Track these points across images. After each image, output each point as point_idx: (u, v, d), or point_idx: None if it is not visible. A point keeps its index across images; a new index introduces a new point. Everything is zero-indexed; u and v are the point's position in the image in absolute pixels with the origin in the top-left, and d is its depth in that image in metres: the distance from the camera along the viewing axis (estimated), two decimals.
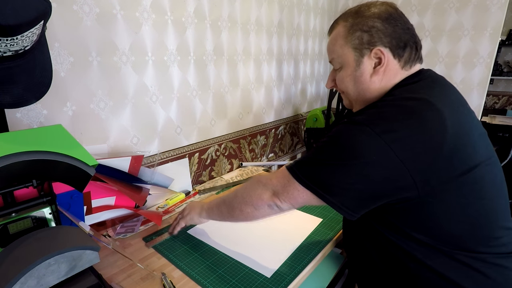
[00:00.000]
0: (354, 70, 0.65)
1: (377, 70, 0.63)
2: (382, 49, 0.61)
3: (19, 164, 0.50)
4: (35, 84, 0.57)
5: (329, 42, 0.69)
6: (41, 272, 0.48)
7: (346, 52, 0.65)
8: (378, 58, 0.62)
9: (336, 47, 0.66)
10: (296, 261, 0.78)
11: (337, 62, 0.67)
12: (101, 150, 0.93)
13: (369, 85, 0.64)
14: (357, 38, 0.63)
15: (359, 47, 0.63)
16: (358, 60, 0.64)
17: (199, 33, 1.13)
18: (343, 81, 0.68)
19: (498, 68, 3.28)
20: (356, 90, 0.67)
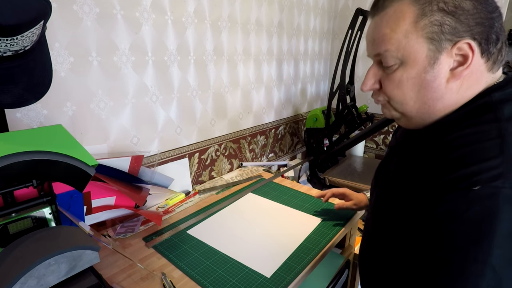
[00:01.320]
0: (423, 70, 0.45)
1: (457, 73, 0.44)
2: (471, 43, 0.42)
3: (19, 164, 0.50)
4: (35, 84, 0.57)
5: (378, 25, 0.47)
6: (41, 272, 0.48)
7: (414, 44, 0.44)
8: (461, 56, 0.43)
9: (397, 33, 0.45)
10: (296, 261, 0.78)
11: (392, 56, 0.46)
12: (101, 150, 0.93)
13: (443, 93, 0.45)
14: (436, 23, 0.42)
15: (437, 37, 0.43)
16: (433, 56, 0.44)
17: (199, 33, 1.13)
18: (401, 85, 0.47)
19: None
20: (420, 99, 0.47)
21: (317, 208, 1.04)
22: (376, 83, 0.51)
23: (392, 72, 0.47)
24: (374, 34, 0.48)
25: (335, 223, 0.94)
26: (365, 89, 0.52)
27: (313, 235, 0.89)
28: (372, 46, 0.49)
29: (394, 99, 0.49)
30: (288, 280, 0.71)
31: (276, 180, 1.29)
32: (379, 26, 0.47)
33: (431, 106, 0.47)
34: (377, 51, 0.48)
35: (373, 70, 0.51)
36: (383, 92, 0.50)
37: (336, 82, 1.57)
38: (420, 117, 0.49)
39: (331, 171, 1.63)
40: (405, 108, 0.49)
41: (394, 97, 0.49)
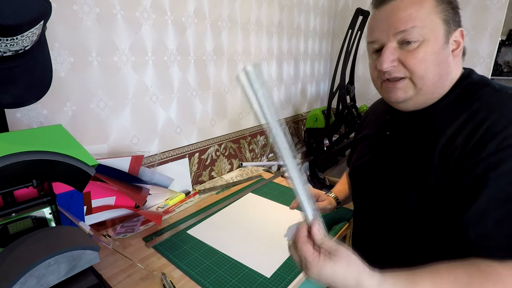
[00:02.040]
0: (441, 47, 0.52)
1: (456, 54, 0.54)
2: (463, 32, 0.54)
3: (19, 164, 0.50)
4: (35, 84, 0.57)
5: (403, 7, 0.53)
6: (41, 272, 0.48)
7: (436, 23, 0.52)
8: (455, 42, 0.54)
9: (422, 12, 0.51)
10: None
11: (418, 33, 0.52)
12: (101, 150, 0.93)
13: (452, 68, 0.55)
14: (448, 10, 0.52)
15: (449, 22, 0.52)
16: (447, 36, 0.53)
17: (199, 33, 1.13)
18: (424, 59, 0.52)
19: (498, 68, 3.28)
20: (438, 73, 0.54)
21: None
22: (395, 61, 0.55)
23: (414, 48, 0.53)
24: (397, 15, 0.53)
25: (335, 222, 0.94)
26: (385, 66, 0.55)
27: None
28: (395, 25, 0.53)
29: (417, 73, 0.54)
30: (288, 280, 0.71)
31: (276, 180, 1.29)
32: (401, 8, 0.53)
33: (444, 80, 0.55)
34: (402, 28, 0.52)
35: (390, 48, 0.54)
36: (406, 68, 0.54)
37: (336, 82, 1.57)
38: (432, 92, 0.56)
39: (331, 171, 1.63)
40: (424, 82, 0.54)
41: (418, 71, 0.53)
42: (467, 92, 0.54)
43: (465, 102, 0.53)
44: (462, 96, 0.54)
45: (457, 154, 0.50)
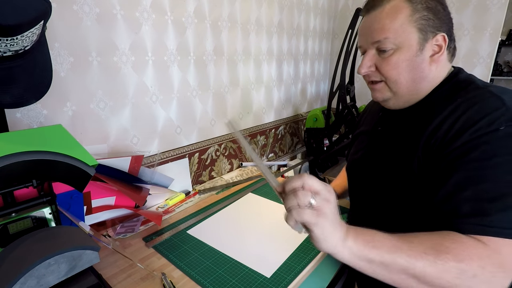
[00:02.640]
0: (414, 54, 0.57)
1: (436, 59, 0.58)
2: (445, 36, 0.57)
3: (19, 164, 0.50)
4: (35, 84, 0.57)
5: (378, 18, 0.58)
6: (41, 272, 0.48)
7: (409, 32, 0.56)
8: (437, 46, 0.57)
9: (395, 24, 0.56)
10: (296, 261, 0.78)
11: (391, 42, 0.57)
12: (101, 150, 0.93)
13: (428, 73, 0.58)
14: (425, 18, 0.55)
15: (425, 29, 0.56)
16: (421, 44, 0.56)
17: (199, 33, 1.13)
18: (396, 66, 0.58)
19: (498, 68, 3.29)
20: (411, 78, 0.59)
21: None
22: (372, 66, 0.61)
23: (389, 56, 0.58)
24: (373, 26, 0.59)
25: None
26: (363, 71, 0.62)
27: None
28: (371, 35, 0.59)
29: (390, 79, 0.60)
30: (288, 280, 0.71)
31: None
32: (378, 19, 0.58)
33: (418, 84, 0.59)
34: (376, 38, 0.58)
35: (370, 55, 0.61)
36: (380, 73, 0.61)
37: (336, 82, 1.57)
38: (408, 95, 0.61)
39: (331, 171, 1.63)
40: (398, 86, 0.60)
41: (390, 76, 0.59)
42: (452, 90, 0.58)
43: (449, 99, 0.57)
44: (447, 94, 0.58)
45: (438, 144, 0.55)
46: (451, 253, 0.46)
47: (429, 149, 0.56)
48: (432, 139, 0.55)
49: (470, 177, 0.49)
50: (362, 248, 0.47)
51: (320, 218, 0.44)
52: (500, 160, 0.48)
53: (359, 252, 0.47)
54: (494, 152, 0.48)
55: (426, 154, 0.56)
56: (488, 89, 0.54)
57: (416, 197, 0.59)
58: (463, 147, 0.51)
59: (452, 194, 0.51)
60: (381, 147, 0.68)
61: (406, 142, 0.61)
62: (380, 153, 0.68)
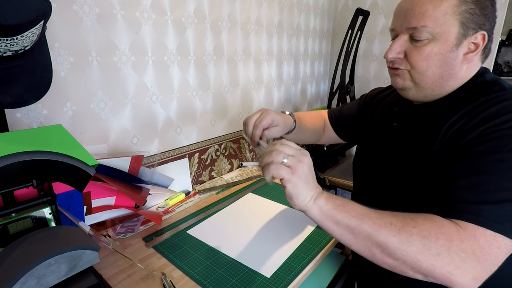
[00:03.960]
0: (450, 49, 0.52)
1: (469, 58, 0.54)
2: (485, 35, 0.52)
3: (19, 164, 0.50)
4: (35, 84, 0.57)
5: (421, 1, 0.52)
6: (41, 272, 0.48)
7: (450, 25, 0.51)
8: (474, 44, 0.53)
9: (438, 12, 0.51)
10: (296, 261, 0.78)
11: (428, 32, 0.52)
12: (101, 150, 0.93)
13: (458, 71, 0.55)
14: (470, 12, 0.50)
15: (467, 24, 0.51)
16: (459, 39, 0.52)
17: (199, 33, 1.13)
18: (427, 58, 0.54)
19: (498, 68, 3.29)
20: (439, 73, 0.55)
21: None
22: (401, 53, 0.57)
23: (422, 45, 0.53)
24: (414, 8, 0.53)
25: None
26: (390, 56, 0.57)
27: (313, 235, 0.89)
28: (409, 19, 0.54)
29: (418, 69, 0.55)
30: (288, 280, 0.71)
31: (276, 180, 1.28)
32: (422, 2, 0.52)
33: (445, 81, 0.55)
34: (413, 24, 0.53)
35: (400, 41, 0.56)
36: (408, 61, 0.56)
37: (336, 82, 1.57)
38: (432, 89, 0.57)
39: (331, 171, 1.63)
40: (423, 79, 0.56)
41: (419, 67, 0.55)
42: (476, 89, 0.55)
43: (472, 98, 0.55)
44: (471, 93, 0.56)
45: (452, 137, 0.53)
46: (418, 227, 0.46)
47: (445, 143, 0.55)
48: (448, 134, 0.54)
49: (471, 167, 0.49)
50: (331, 209, 0.50)
51: (293, 176, 0.48)
52: (506, 156, 0.46)
53: (327, 212, 0.50)
54: (502, 147, 0.47)
55: (442, 148, 0.55)
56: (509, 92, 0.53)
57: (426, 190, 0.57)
58: (474, 141, 0.50)
59: (450, 181, 0.50)
60: (396, 143, 0.66)
61: (423, 138, 0.59)
62: (395, 149, 0.66)
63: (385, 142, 0.70)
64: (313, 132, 0.92)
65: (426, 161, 0.57)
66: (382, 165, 0.69)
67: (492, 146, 0.48)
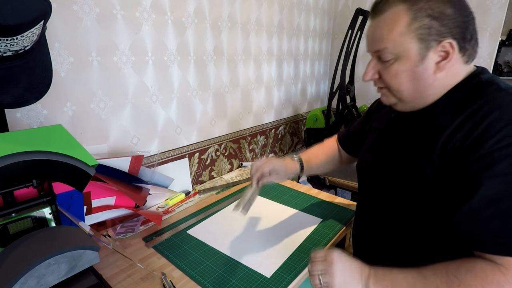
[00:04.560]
0: (415, 65, 0.54)
1: (442, 66, 0.54)
2: (452, 42, 0.52)
3: (19, 164, 0.50)
4: (35, 84, 0.57)
5: (378, 27, 0.56)
6: (41, 272, 0.48)
7: (408, 43, 0.53)
8: (444, 52, 0.53)
9: (393, 35, 0.53)
10: (296, 261, 0.78)
11: (390, 53, 0.55)
12: (101, 150, 0.93)
13: (432, 81, 0.55)
14: (425, 27, 0.51)
15: (426, 38, 0.52)
16: (422, 53, 0.53)
17: (199, 33, 1.13)
18: (396, 76, 0.56)
19: (498, 68, 3.28)
20: (413, 87, 0.56)
21: (317, 208, 1.04)
22: (376, 74, 0.60)
23: (390, 65, 0.56)
24: (374, 34, 0.57)
25: (335, 223, 0.94)
26: (366, 79, 0.61)
27: (313, 235, 0.89)
28: (372, 44, 0.58)
29: (392, 87, 0.59)
30: (288, 280, 0.71)
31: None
32: (378, 27, 0.56)
33: (422, 92, 0.57)
34: (376, 48, 0.57)
35: (373, 63, 0.60)
36: (383, 81, 0.60)
37: (336, 82, 1.57)
38: (414, 102, 0.59)
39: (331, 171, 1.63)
40: (401, 94, 0.58)
41: (392, 85, 0.58)
42: (472, 91, 0.55)
43: (468, 101, 0.54)
44: (466, 95, 0.55)
45: (455, 150, 0.51)
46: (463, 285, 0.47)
47: (446, 155, 0.53)
48: (449, 144, 0.52)
49: (496, 193, 0.47)
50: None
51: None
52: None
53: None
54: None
55: (443, 159, 0.53)
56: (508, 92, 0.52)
57: (429, 204, 0.57)
58: (486, 159, 0.47)
59: (477, 211, 0.48)
60: (393, 149, 0.66)
61: (419, 145, 0.58)
62: (392, 156, 0.66)
63: (381, 147, 0.70)
64: (328, 162, 0.94)
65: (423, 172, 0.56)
66: (379, 171, 0.69)
67: (510, 164, 0.46)
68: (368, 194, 0.74)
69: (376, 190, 0.70)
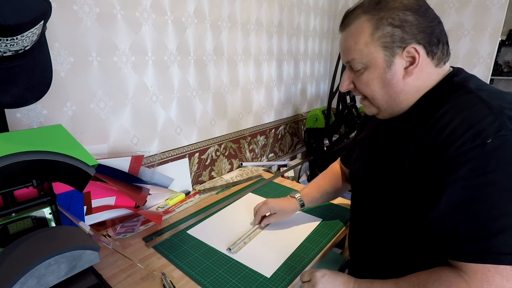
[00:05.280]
0: (383, 71, 0.56)
1: (410, 71, 0.55)
2: (416, 47, 0.53)
3: (19, 164, 0.50)
4: (35, 84, 0.57)
5: (346, 39, 0.59)
6: (41, 272, 0.48)
7: (373, 51, 0.55)
8: (411, 57, 0.55)
9: (359, 45, 0.56)
10: (296, 261, 0.78)
11: (359, 63, 0.57)
12: (101, 150, 0.93)
13: (403, 87, 0.57)
14: (388, 35, 0.53)
15: (390, 46, 0.54)
16: (388, 60, 0.55)
17: (199, 33, 1.13)
18: (368, 84, 0.58)
19: (498, 68, 3.28)
20: (386, 94, 0.58)
21: (317, 208, 1.04)
22: (351, 84, 0.62)
23: (360, 74, 0.59)
24: (344, 46, 0.60)
25: (335, 223, 0.94)
26: (342, 90, 0.64)
27: (313, 235, 0.89)
28: (344, 55, 0.61)
29: (367, 95, 0.61)
30: (288, 280, 0.71)
31: (276, 180, 1.29)
32: (346, 39, 0.59)
33: (395, 98, 0.58)
34: (347, 59, 0.60)
35: (347, 73, 0.62)
36: (358, 90, 0.62)
37: (336, 82, 1.57)
38: (390, 108, 0.60)
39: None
40: (377, 102, 0.60)
41: (366, 93, 0.60)
42: (441, 95, 0.56)
43: (437, 105, 0.54)
44: (436, 99, 0.56)
45: (423, 156, 0.53)
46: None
47: (416, 161, 0.54)
48: (419, 151, 0.54)
49: (461, 198, 0.47)
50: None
51: None
52: (490, 177, 0.45)
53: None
54: (482, 168, 0.46)
55: (413, 166, 0.55)
56: (478, 94, 0.51)
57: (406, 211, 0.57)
58: (449, 164, 0.48)
59: (444, 217, 0.49)
60: (373, 156, 0.67)
61: (393, 152, 0.59)
62: (372, 163, 0.67)
63: (364, 157, 0.71)
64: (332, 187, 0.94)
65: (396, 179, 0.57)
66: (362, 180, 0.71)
67: (472, 168, 0.46)
68: (356, 202, 0.75)
69: (361, 198, 0.72)
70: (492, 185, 0.45)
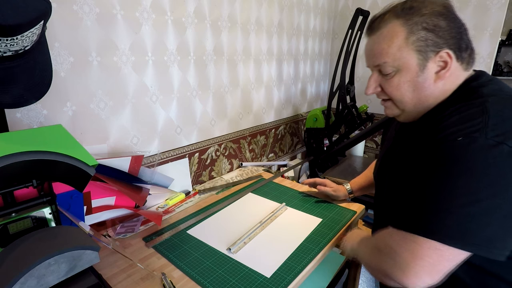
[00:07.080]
0: (415, 75, 0.57)
1: (441, 75, 0.57)
2: (449, 52, 0.55)
3: (19, 164, 0.50)
4: (35, 84, 0.57)
5: (376, 43, 0.60)
6: (41, 272, 0.48)
7: (406, 55, 0.56)
8: (443, 62, 0.56)
9: (392, 48, 0.57)
10: (296, 261, 0.78)
11: (390, 66, 0.58)
12: (101, 150, 0.93)
13: (433, 90, 0.58)
14: (422, 39, 0.55)
15: (424, 50, 0.55)
16: (421, 64, 0.56)
17: (199, 33, 1.13)
18: (398, 88, 0.59)
19: (498, 68, 3.28)
20: (416, 97, 0.59)
21: (317, 208, 1.04)
22: (378, 87, 0.63)
23: (391, 77, 0.60)
24: (374, 50, 0.60)
25: (335, 223, 0.94)
26: (369, 93, 0.64)
27: (313, 235, 0.89)
28: (372, 59, 0.61)
29: (395, 98, 0.62)
30: (288, 280, 0.71)
31: (276, 180, 1.29)
32: (377, 43, 0.59)
33: (424, 101, 0.60)
34: (377, 62, 0.60)
35: (374, 77, 0.63)
36: (386, 93, 0.63)
37: (336, 82, 1.57)
38: (417, 111, 0.62)
39: (331, 171, 1.63)
40: (404, 105, 0.62)
41: (395, 97, 0.61)
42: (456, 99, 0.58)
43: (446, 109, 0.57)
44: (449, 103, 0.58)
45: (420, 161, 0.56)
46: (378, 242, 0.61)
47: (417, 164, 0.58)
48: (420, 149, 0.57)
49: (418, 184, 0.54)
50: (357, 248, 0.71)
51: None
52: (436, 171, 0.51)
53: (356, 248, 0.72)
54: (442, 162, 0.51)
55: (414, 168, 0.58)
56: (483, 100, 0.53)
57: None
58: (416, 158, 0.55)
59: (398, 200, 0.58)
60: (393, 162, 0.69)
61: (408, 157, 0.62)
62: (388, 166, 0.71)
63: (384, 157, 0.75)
64: None
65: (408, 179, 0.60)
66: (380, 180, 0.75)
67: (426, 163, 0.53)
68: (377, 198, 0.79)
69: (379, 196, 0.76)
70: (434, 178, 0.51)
